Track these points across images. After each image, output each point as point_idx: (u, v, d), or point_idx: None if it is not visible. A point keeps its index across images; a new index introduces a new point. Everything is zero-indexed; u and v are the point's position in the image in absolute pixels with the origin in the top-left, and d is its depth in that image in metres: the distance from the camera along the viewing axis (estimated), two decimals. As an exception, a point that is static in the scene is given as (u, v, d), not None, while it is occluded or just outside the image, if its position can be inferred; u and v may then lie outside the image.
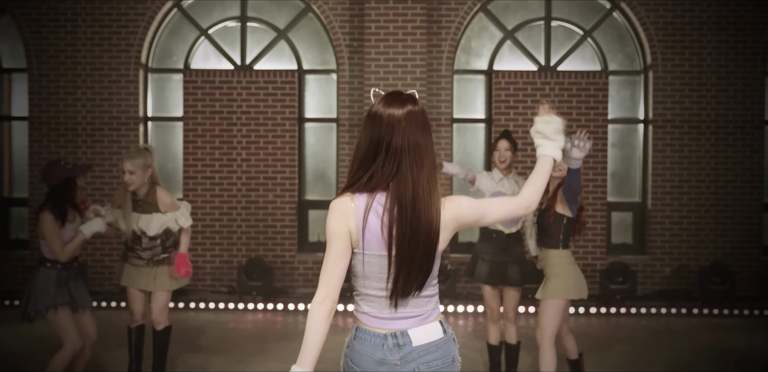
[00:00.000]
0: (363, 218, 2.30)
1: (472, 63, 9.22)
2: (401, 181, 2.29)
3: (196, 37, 9.24)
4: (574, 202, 4.74)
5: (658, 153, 8.91)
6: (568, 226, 4.85)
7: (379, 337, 2.35)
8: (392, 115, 2.33)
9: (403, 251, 2.29)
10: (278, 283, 8.83)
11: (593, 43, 9.16)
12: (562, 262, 4.88)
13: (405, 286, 2.32)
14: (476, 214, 2.40)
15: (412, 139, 2.32)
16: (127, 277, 5.23)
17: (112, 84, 9.04)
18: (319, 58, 9.25)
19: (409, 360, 2.33)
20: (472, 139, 9.21)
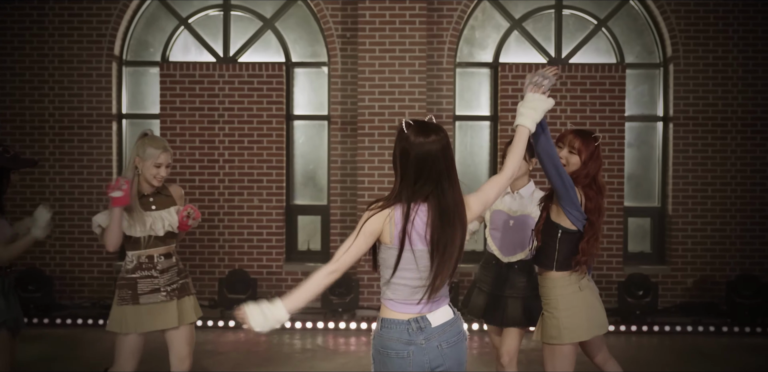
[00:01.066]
0: (409, 221, 2.82)
1: (476, 55, 8.45)
2: (442, 194, 2.84)
3: (174, 27, 8.47)
4: (574, 209, 3.66)
5: (679, 153, 8.15)
6: (566, 241, 3.74)
7: (403, 323, 2.87)
8: (431, 148, 2.81)
9: (442, 251, 2.83)
10: (264, 297, 8.06)
11: (608, 34, 8.40)
12: (557, 289, 3.78)
13: (442, 280, 2.85)
14: (483, 205, 3.03)
15: (449, 162, 2.86)
16: (137, 321, 4.08)
17: (83, 78, 8.27)
18: (309, 49, 8.48)
19: (431, 338, 2.86)
20: (476, 138, 8.45)
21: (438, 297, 2.89)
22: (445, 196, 2.81)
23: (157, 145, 4.11)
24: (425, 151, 2.78)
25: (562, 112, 8.00)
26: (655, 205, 8.38)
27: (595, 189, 3.82)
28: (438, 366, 2.87)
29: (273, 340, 6.91)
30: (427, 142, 2.80)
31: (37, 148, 8.18)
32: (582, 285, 3.81)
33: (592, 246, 3.75)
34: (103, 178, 8.27)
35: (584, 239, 3.75)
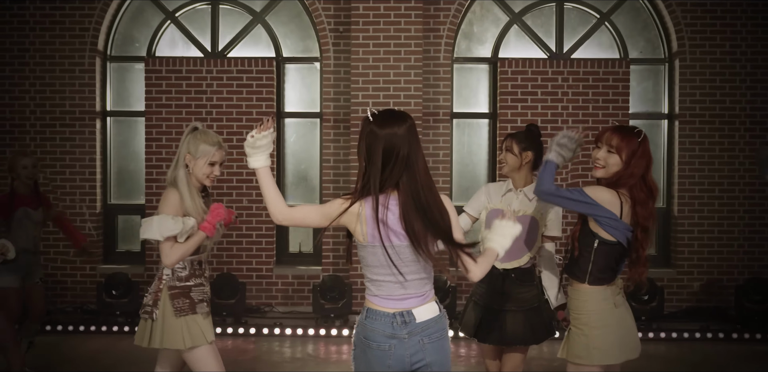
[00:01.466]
0: (382, 215, 2.77)
1: (474, 50, 8.14)
2: (413, 179, 2.76)
3: (161, 21, 8.16)
4: (610, 220, 3.26)
5: (685, 152, 7.85)
6: (602, 253, 3.33)
7: (388, 315, 2.82)
8: (396, 132, 2.77)
9: (424, 239, 2.76)
10: (254, 301, 7.76)
11: (611, 28, 8.09)
12: (590, 304, 3.36)
13: (428, 250, 2.78)
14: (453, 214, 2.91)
15: (416, 149, 2.80)
16: (205, 329, 3.68)
17: (65, 74, 7.95)
18: (301, 44, 8.16)
19: (414, 333, 2.80)
20: (475, 136, 8.14)
21: (424, 292, 2.84)
22: (416, 182, 2.75)
23: (211, 142, 3.75)
24: (392, 138, 2.75)
25: (563, 110, 7.70)
26: (660, 205, 8.06)
27: (645, 191, 3.36)
28: (418, 361, 2.81)
29: (261, 347, 6.60)
30: (394, 129, 2.77)
31: (17, 147, 7.86)
32: (617, 301, 3.39)
33: (643, 260, 3.35)
34: (86, 177, 7.95)
35: (635, 251, 3.34)
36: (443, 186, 7.86)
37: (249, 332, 6.97)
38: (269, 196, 3.00)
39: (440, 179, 7.86)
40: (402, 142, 2.75)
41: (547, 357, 6.26)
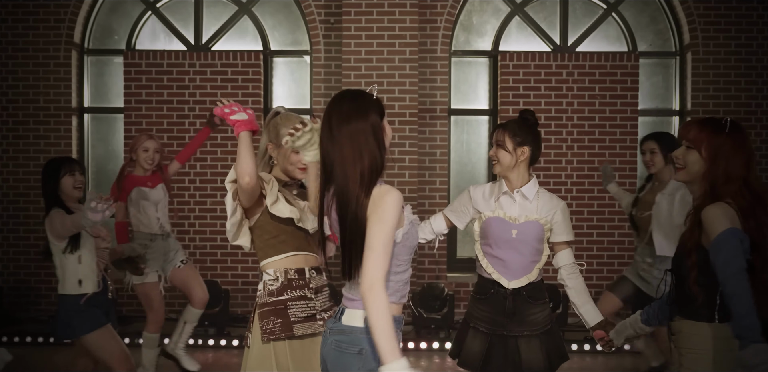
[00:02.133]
0: (326, 213, 2.56)
1: (473, 43, 7.67)
2: (342, 173, 2.44)
3: (141, 12, 7.69)
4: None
5: (699, 151, 7.38)
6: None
7: (338, 306, 2.62)
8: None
9: (346, 242, 2.42)
10: (239, 309, 7.31)
11: (618, 19, 7.62)
12: (716, 343, 2.63)
13: (350, 270, 2.41)
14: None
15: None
16: (293, 359, 2.97)
17: (39, 68, 7.49)
18: (289, 36, 7.69)
19: (333, 333, 2.49)
20: (474, 134, 7.67)
21: (354, 296, 2.49)
22: (342, 177, 2.42)
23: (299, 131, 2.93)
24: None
25: (568, 106, 7.24)
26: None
27: (749, 197, 2.63)
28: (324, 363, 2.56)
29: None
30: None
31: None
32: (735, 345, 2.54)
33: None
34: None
35: (757, 273, 2.61)
36: (440, 187, 7.40)
37: (232, 344, 6.50)
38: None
39: (437, 180, 7.40)
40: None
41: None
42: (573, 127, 7.27)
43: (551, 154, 7.26)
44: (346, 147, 2.34)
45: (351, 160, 2.33)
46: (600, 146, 7.26)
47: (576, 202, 7.28)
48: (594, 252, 7.28)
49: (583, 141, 7.27)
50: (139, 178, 5.27)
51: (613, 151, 7.26)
